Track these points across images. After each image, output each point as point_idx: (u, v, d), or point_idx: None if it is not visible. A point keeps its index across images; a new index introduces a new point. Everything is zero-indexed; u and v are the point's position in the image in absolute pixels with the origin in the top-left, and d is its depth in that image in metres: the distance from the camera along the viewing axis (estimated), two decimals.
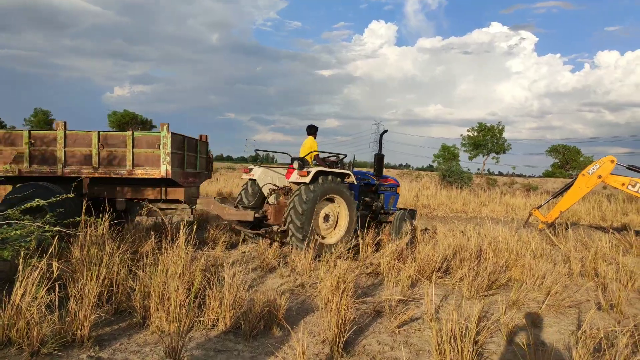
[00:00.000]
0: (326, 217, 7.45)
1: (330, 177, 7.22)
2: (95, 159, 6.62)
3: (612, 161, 9.52)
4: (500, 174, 63.16)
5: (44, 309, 3.35)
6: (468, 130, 45.34)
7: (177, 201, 7.29)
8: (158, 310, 3.83)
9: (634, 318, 4.97)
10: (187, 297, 4.01)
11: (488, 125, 44.65)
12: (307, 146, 8.01)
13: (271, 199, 7.81)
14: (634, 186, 9.44)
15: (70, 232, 4.50)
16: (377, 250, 7.20)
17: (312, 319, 4.40)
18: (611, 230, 11.67)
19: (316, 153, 7.93)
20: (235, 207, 7.85)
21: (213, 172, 10.67)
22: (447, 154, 46.63)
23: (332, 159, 8.33)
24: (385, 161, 9.09)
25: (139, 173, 6.72)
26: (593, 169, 9.59)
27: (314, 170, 7.02)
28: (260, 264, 6.31)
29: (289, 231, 6.84)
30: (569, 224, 10.26)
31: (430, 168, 49.98)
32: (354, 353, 3.67)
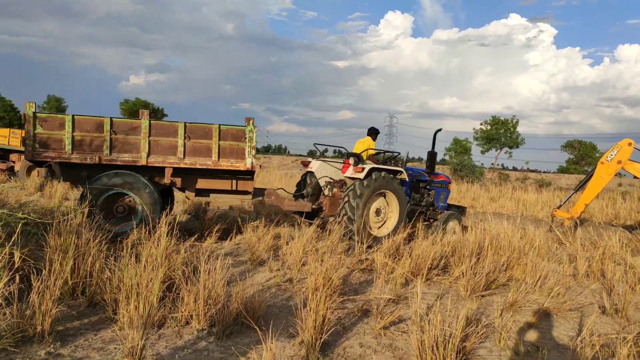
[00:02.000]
0: (377, 211, 7.79)
1: (383, 174, 7.55)
2: (180, 149, 6.67)
3: (630, 144, 9.11)
4: (515, 169, 62.38)
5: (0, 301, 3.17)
6: (481, 124, 44.66)
7: (246, 192, 7.44)
8: (129, 304, 3.63)
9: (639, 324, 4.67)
10: (160, 292, 3.82)
11: (502, 119, 43.91)
12: (365, 144, 8.47)
13: (327, 191, 8.20)
14: None
15: (46, 221, 4.31)
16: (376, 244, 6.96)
17: (296, 317, 4.17)
18: (621, 228, 11.28)
19: (372, 152, 8.37)
20: (294, 197, 8.43)
21: None
22: (459, 147, 45.98)
23: (387, 155, 8.94)
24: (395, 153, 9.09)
25: (224, 165, 6.85)
26: (611, 155, 9.19)
27: (368, 167, 7.50)
28: (251, 257, 6.10)
29: (343, 222, 7.23)
30: (578, 222, 9.88)
31: (442, 162, 49.42)
32: (332, 357, 3.44)
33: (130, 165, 6.53)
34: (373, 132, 8.79)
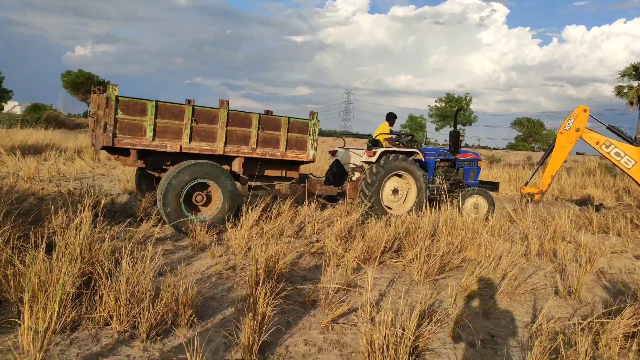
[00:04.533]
0: (395, 191, 8.41)
1: (392, 156, 8.08)
2: (254, 139, 6.79)
3: (585, 110, 9.17)
4: (467, 145, 63.82)
5: None
6: (436, 101, 45.14)
7: (291, 179, 7.73)
8: (34, 305, 3.10)
9: (592, 306, 4.59)
10: (74, 289, 3.31)
11: (456, 96, 44.52)
12: (380, 130, 9.28)
13: (352, 177, 8.82)
14: (607, 147, 9.12)
15: None
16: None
17: (236, 311, 3.76)
18: (569, 204, 11.51)
19: (388, 136, 9.15)
20: (324, 183, 9.12)
21: None
22: (414, 124, 46.40)
23: (406, 138, 9.58)
24: (354, 131, 9.29)
25: (290, 155, 7.15)
26: (569, 123, 9.23)
27: (379, 150, 8.16)
28: (192, 242, 5.61)
29: (360, 201, 7.89)
30: (529, 199, 9.94)
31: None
32: (272, 358, 3.08)
33: (208, 154, 6.54)
34: (390, 117, 9.56)
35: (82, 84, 46.20)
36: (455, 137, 9.37)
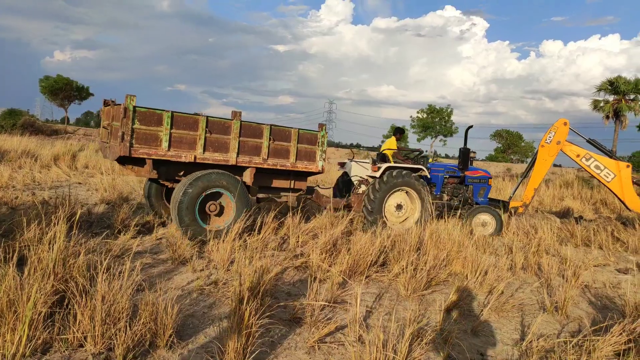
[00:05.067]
0: (399, 207, 8.47)
1: (394, 172, 8.16)
2: (265, 150, 6.92)
3: (565, 124, 9.27)
4: (447, 156, 64.59)
5: None
6: (418, 112, 45.55)
7: (299, 190, 7.83)
8: (3, 326, 2.90)
9: (580, 321, 4.56)
10: (47, 308, 3.12)
11: (437, 107, 45.01)
12: (387, 145, 9.54)
13: (358, 189, 8.94)
14: (588, 160, 9.24)
15: None
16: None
17: (218, 330, 3.60)
18: (551, 216, 11.61)
19: (395, 150, 9.35)
20: (333, 194, 9.46)
21: None
22: None
23: (415, 153, 9.67)
24: (336, 140, 9.33)
25: (300, 166, 7.29)
26: (550, 136, 9.31)
27: (384, 166, 8.26)
28: (172, 255, 5.42)
29: (363, 214, 8.12)
30: (512, 212, 9.98)
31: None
32: None
33: (221, 164, 6.63)
34: (397, 132, 9.87)
35: (61, 89, 45.28)
36: (464, 154, 9.38)
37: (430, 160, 9.64)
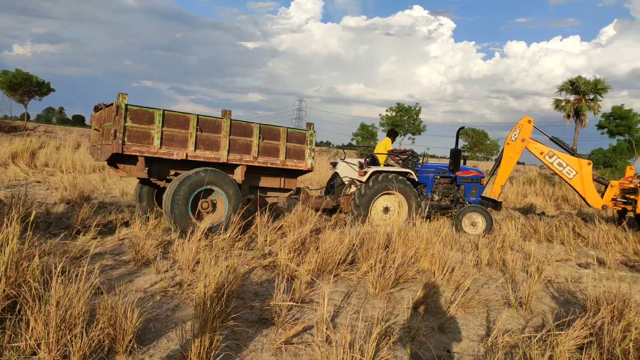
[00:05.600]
0: (386, 209, 8.61)
1: (380, 177, 8.34)
2: (255, 148, 7.06)
3: (530, 121, 9.51)
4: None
5: None
6: (387, 110, 45.95)
7: (288, 190, 7.93)
8: None
9: (543, 316, 4.65)
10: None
11: (406, 106, 45.53)
12: (381, 146, 9.96)
13: (348, 190, 9.13)
14: (551, 157, 9.52)
15: None
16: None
17: (181, 333, 3.48)
18: (516, 213, 11.91)
19: (382, 155, 9.70)
20: (324, 195, 9.53)
21: None
22: (366, 132, 47.02)
23: (405, 155, 9.81)
24: None
25: (290, 164, 7.44)
26: (515, 134, 9.52)
27: (370, 170, 8.43)
28: (135, 256, 5.24)
29: (350, 218, 8.11)
30: None
31: (350, 146, 50.42)
32: None
33: (212, 162, 6.73)
34: (390, 134, 10.21)
35: (20, 84, 43.53)
36: (455, 155, 9.47)
37: (421, 160, 9.84)
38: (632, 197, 9.69)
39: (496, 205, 9.60)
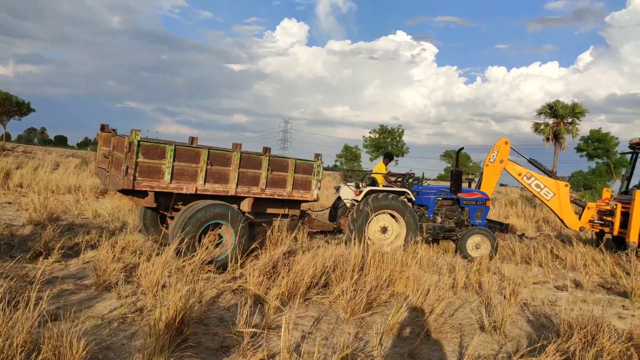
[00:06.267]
0: (384, 229, 8.62)
1: (371, 198, 8.36)
2: (263, 180, 6.97)
3: (506, 142, 9.56)
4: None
5: None
6: (370, 132, 46.22)
7: (294, 216, 7.89)
8: None
9: (517, 341, 4.53)
10: None
11: (389, 128, 45.90)
12: (376, 169, 10.25)
13: (350, 212, 9.00)
14: (529, 178, 9.56)
15: None
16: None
17: None
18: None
19: (380, 177, 9.91)
20: (328, 216, 9.90)
21: None
22: (349, 154, 47.15)
23: (402, 178, 10.03)
24: None
25: (296, 195, 7.39)
26: (493, 155, 9.55)
27: (365, 190, 8.54)
28: (97, 280, 5.01)
29: (348, 238, 8.12)
30: None
31: (335, 168, 50.50)
32: None
33: (221, 195, 6.65)
34: (385, 157, 10.49)
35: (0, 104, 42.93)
36: (456, 176, 9.30)
37: (423, 183, 9.80)
38: (609, 218, 9.74)
39: (503, 227, 9.47)
